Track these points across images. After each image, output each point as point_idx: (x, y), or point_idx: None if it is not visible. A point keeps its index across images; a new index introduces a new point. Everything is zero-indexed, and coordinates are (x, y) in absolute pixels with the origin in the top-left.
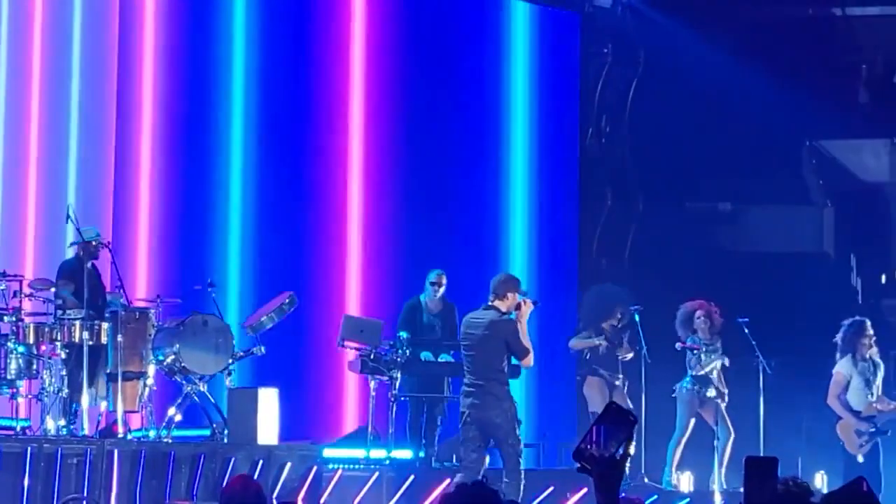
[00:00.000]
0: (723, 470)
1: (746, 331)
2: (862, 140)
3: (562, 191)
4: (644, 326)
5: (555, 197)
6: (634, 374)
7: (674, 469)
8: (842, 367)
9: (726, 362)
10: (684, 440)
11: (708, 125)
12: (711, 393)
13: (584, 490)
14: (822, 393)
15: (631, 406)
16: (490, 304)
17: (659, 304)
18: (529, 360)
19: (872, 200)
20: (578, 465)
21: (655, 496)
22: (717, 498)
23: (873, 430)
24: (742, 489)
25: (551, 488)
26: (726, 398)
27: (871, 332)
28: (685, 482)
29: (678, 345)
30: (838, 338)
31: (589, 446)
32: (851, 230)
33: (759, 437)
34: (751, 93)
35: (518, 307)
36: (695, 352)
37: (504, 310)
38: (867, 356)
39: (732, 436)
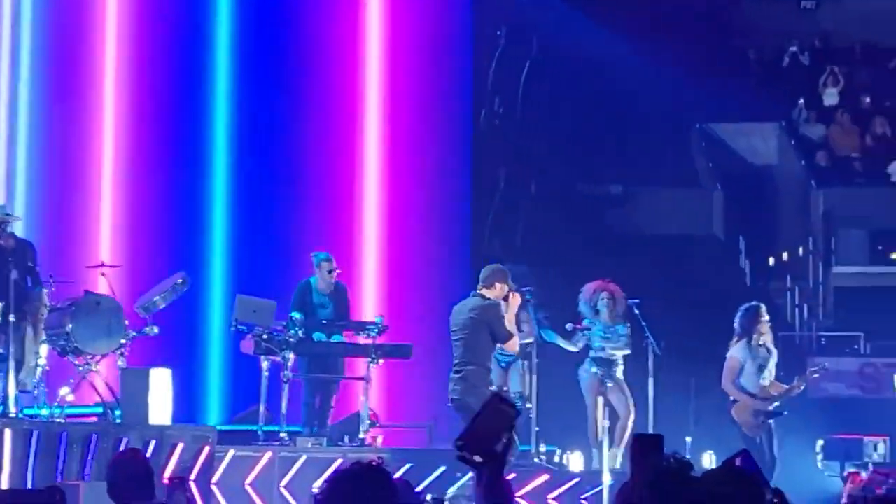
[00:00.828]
0: (620, 450)
1: (637, 312)
2: (751, 123)
3: (454, 172)
4: (536, 307)
5: (447, 178)
6: (527, 356)
7: (604, 450)
8: (736, 352)
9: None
10: (599, 422)
11: (600, 108)
12: (616, 373)
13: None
14: (710, 374)
15: (531, 382)
16: (477, 291)
17: (551, 286)
18: (512, 344)
19: (761, 184)
20: (459, 454)
21: (546, 476)
22: (606, 477)
23: (770, 410)
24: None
25: (443, 468)
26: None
27: (766, 317)
28: (575, 462)
29: (569, 325)
30: (735, 323)
31: (469, 438)
32: (740, 213)
33: (647, 418)
34: (642, 76)
35: (506, 298)
36: (585, 332)
37: (490, 298)
38: (762, 342)
39: (632, 416)
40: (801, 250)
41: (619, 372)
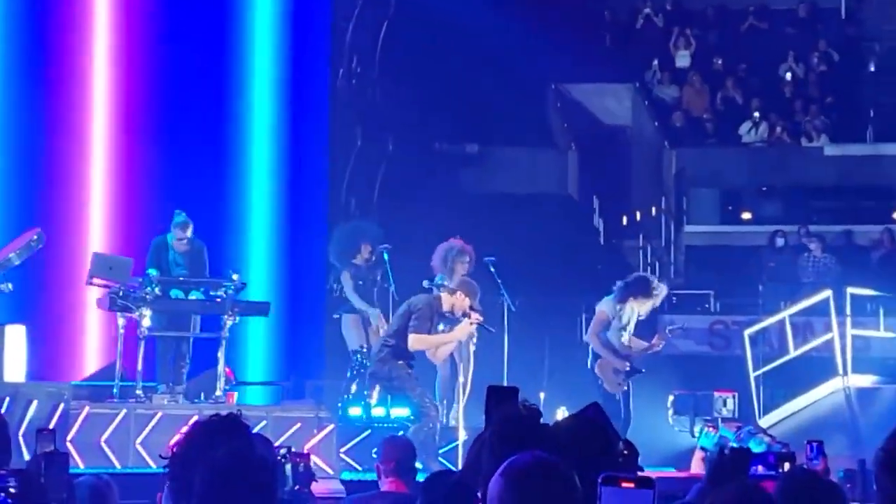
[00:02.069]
0: (461, 404)
1: (492, 269)
2: (605, 84)
3: (311, 131)
4: (393, 265)
5: (304, 137)
6: (384, 312)
7: (460, 405)
8: (605, 306)
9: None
10: (445, 377)
11: (456, 67)
12: None
13: (332, 427)
14: (564, 331)
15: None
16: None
17: (407, 244)
18: (415, 340)
19: (615, 144)
20: None
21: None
22: (462, 433)
23: (629, 369)
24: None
25: (298, 424)
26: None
27: (656, 301)
28: None
29: (426, 282)
30: (622, 282)
31: None
32: (594, 173)
33: (503, 374)
34: (498, 36)
35: (463, 313)
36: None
37: (446, 303)
38: (632, 308)
39: (471, 368)
40: (653, 210)
41: None
